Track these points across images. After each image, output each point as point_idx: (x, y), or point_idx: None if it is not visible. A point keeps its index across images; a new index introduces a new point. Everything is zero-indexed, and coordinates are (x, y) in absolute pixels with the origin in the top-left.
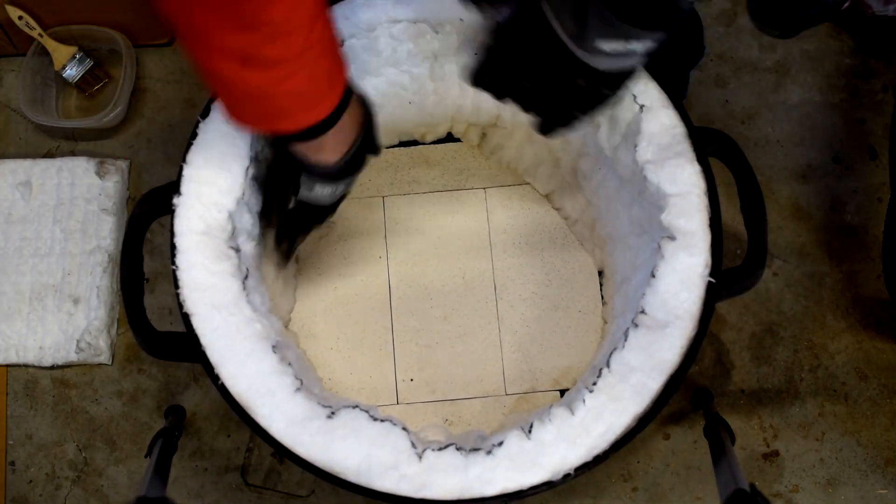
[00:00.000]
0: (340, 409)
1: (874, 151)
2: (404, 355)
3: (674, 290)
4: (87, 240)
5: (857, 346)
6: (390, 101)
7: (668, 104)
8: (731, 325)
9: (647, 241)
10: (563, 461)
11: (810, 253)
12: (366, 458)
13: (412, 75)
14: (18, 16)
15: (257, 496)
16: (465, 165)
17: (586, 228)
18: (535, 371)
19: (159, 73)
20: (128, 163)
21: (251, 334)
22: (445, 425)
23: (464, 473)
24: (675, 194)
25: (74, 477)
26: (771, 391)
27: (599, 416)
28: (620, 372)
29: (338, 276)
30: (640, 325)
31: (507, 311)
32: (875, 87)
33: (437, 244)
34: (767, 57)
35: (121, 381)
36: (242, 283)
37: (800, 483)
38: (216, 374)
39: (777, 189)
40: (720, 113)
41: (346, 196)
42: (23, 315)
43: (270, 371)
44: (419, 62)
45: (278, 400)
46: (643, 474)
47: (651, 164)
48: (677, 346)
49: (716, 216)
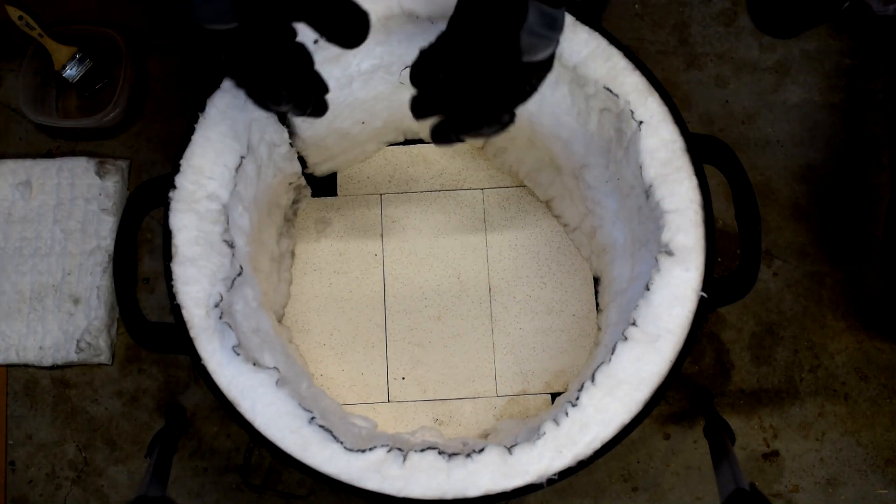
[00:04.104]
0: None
1: (874, 151)
2: (397, 354)
3: (667, 303)
4: (87, 240)
5: (857, 346)
6: (399, 95)
7: (668, 118)
8: (731, 325)
9: (646, 254)
10: (547, 467)
11: (810, 253)
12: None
13: None
14: (18, 16)
15: (257, 496)
16: (463, 166)
17: (585, 236)
18: (527, 373)
19: (159, 73)
20: (128, 163)
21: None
22: (436, 425)
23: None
24: (674, 210)
25: (74, 477)
26: (771, 391)
27: (586, 426)
28: (607, 385)
29: (333, 272)
30: (629, 338)
31: (501, 312)
32: (875, 87)
33: (433, 243)
34: (767, 57)
35: (121, 381)
36: (233, 280)
37: (800, 483)
38: (203, 365)
39: (777, 189)
40: (720, 113)
41: None
42: (23, 315)
43: (252, 368)
44: None
45: (259, 394)
46: (643, 474)
47: (653, 182)
48: (667, 359)
49: (710, 229)
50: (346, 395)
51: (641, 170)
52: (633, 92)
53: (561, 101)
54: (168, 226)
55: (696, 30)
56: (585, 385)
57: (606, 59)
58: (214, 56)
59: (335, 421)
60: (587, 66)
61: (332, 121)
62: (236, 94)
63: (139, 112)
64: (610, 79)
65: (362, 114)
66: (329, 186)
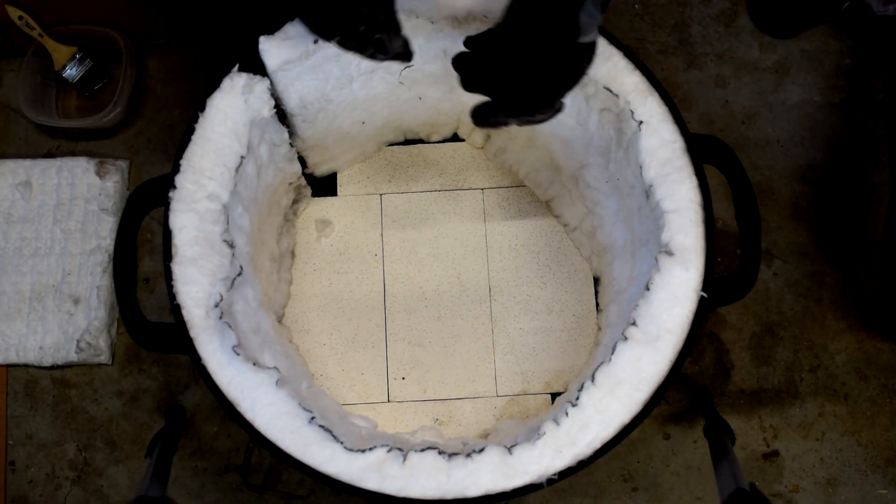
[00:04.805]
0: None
1: (874, 151)
2: (397, 354)
3: (667, 304)
4: (87, 240)
5: (857, 346)
6: (401, 95)
7: (668, 118)
8: (731, 325)
9: (646, 254)
10: (547, 467)
11: (810, 253)
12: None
13: (424, 72)
14: (18, 16)
15: (257, 496)
16: (463, 166)
17: (585, 236)
18: (527, 373)
19: (159, 73)
20: (128, 163)
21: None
22: (436, 425)
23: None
24: (674, 210)
25: (74, 477)
26: (771, 391)
27: (586, 426)
28: (607, 385)
29: (333, 272)
30: (629, 338)
31: (501, 312)
32: (875, 87)
33: (434, 243)
34: (767, 57)
35: (121, 381)
36: (233, 280)
37: (800, 483)
38: (203, 365)
39: (777, 189)
40: (720, 113)
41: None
42: (23, 315)
43: (252, 368)
44: (430, 59)
45: (259, 394)
46: (643, 474)
47: (653, 182)
48: (667, 358)
49: (710, 229)
50: (346, 395)
51: (641, 170)
52: (633, 92)
53: None
54: (168, 226)
55: (696, 30)
56: (585, 385)
57: (606, 59)
58: (225, 49)
59: (335, 421)
60: None
61: (332, 121)
62: (236, 93)
63: (139, 112)
64: (610, 79)
65: (362, 114)
66: (329, 186)
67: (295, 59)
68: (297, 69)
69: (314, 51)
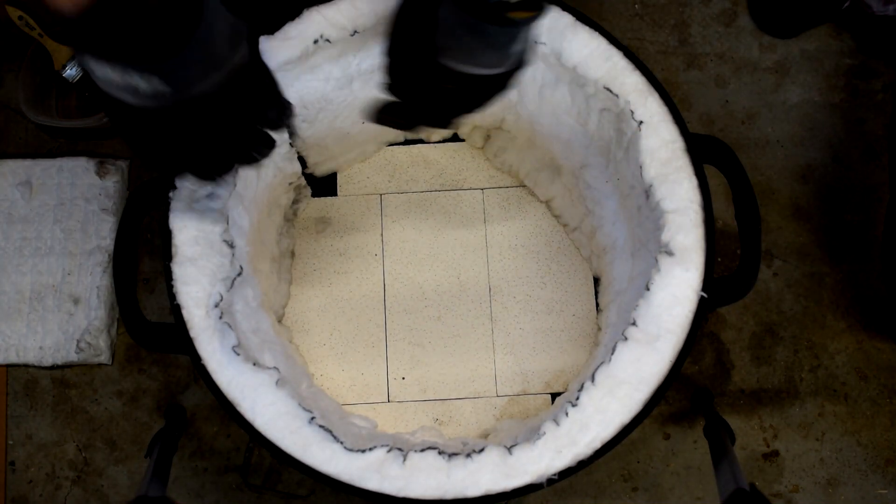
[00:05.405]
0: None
1: (874, 151)
2: (397, 354)
3: (667, 304)
4: (87, 240)
5: (857, 346)
6: None
7: (668, 118)
8: (731, 325)
9: (646, 254)
10: (547, 467)
11: (810, 253)
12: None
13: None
14: (18, 16)
15: (257, 496)
16: (463, 166)
17: (585, 236)
18: (527, 374)
19: None
20: (128, 163)
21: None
22: (436, 425)
23: (447, 476)
24: (674, 210)
25: (74, 477)
26: (771, 391)
27: (586, 426)
28: (607, 385)
29: (333, 272)
30: (629, 338)
31: (501, 312)
32: (875, 87)
33: (433, 243)
34: (767, 57)
35: (121, 381)
36: (233, 280)
37: (800, 483)
38: (203, 365)
39: (777, 189)
40: (720, 113)
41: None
42: (23, 315)
43: (252, 368)
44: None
45: (259, 394)
46: (643, 474)
47: (653, 182)
48: (667, 358)
49: (710, 229)
50: (346, 395)
51: (641, 170)
52: (633, 92)
53: (561, 101)
54: (168, 226)
55: (696, 30)
56: (585, 385)
57: (606, 59)
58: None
59: (335, 421)
60: (587, 66)
61: (333, 121)
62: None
63: None
64: (610, 79)
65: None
66: (329, 186)
67: (295, 59)
68: (297, 69)
69: (314, 51)
